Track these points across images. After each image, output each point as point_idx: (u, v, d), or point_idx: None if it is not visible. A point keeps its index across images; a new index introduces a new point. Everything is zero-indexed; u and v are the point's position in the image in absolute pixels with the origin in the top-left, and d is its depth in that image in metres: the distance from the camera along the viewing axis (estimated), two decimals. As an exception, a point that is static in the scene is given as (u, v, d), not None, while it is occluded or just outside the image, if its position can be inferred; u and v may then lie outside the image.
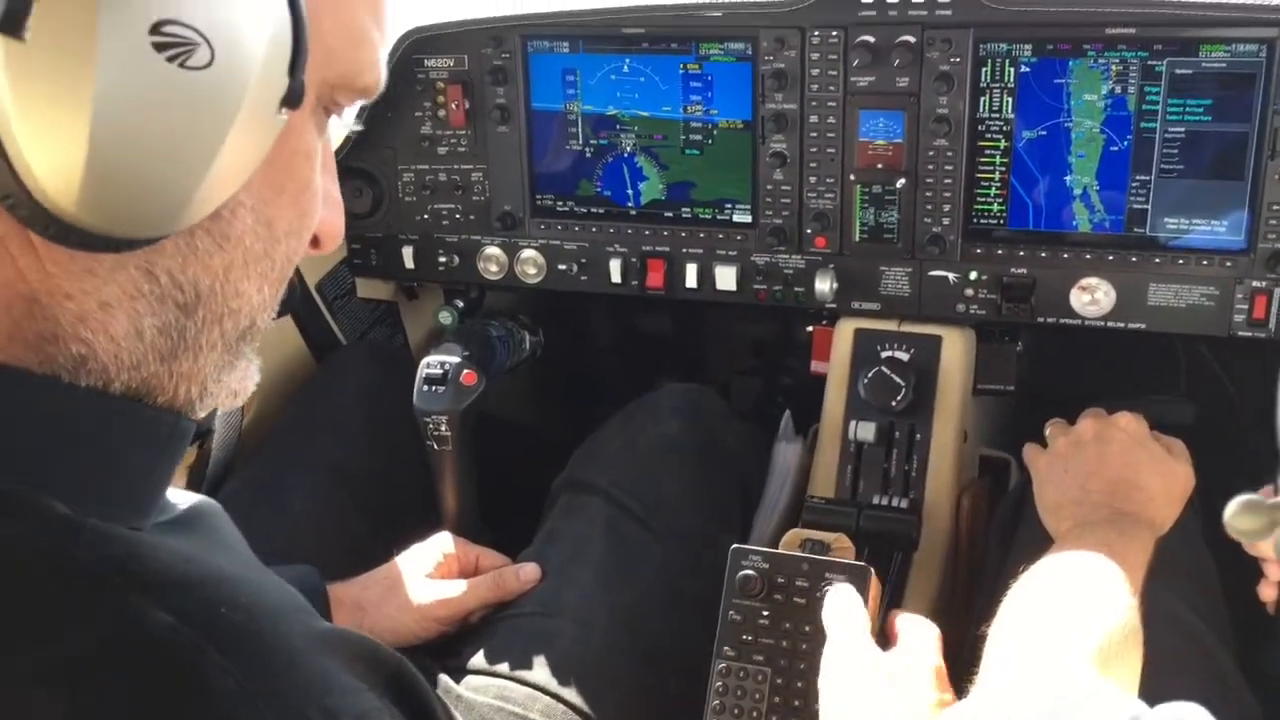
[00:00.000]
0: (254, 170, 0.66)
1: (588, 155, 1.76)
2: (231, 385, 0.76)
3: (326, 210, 0.76)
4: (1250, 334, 1.54)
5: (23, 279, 0.63)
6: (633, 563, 1.49)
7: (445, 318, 1.93)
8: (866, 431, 1.63)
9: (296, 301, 1.82)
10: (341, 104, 0.74)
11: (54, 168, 0.56)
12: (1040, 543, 1.34)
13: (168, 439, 0.73)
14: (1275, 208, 1.47)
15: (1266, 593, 1.30)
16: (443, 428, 1.55)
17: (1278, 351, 1.56)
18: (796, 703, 1.21)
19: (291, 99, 0.64)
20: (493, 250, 1.83)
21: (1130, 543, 1.21)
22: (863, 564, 1.23)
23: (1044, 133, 1.55)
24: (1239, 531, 0.66)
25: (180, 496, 0.80)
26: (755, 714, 1.22)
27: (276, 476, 1.65)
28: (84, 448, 0.68)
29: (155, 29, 0.56)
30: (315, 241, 0.78)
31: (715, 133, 1.69)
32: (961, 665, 1.66)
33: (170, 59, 0.56)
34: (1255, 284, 1.52)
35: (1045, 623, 1.04)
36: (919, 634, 1.15)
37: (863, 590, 1.21)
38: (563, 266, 1.81)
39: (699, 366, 2.41)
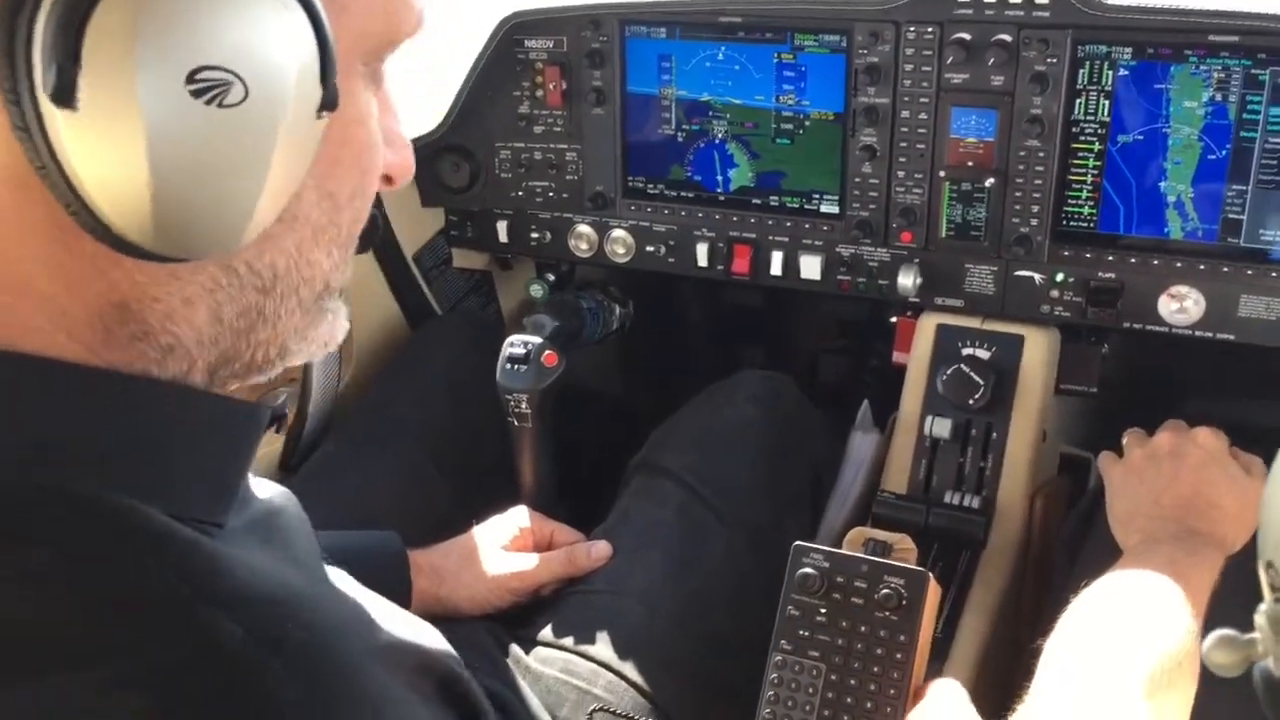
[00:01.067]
0: (307, 167, 0.70)
1: (680, 140, 1.78)
2: (320, 338, 0.80)
3: (392, 151, 0.79)
4: (1344, 349, 1.50)
5: (115, 290, 0.68)
6: (701, 549, 1.53)
7: (536, 290, 1.98)
8: (942, 428, 1.64)
9: (378, 239, 1.86)
10: (387, 56, 0.77)
11: (124, 213, 0.61)
12: (1109, 554, 1.34)
13: (245, 427, 0.77)
14: (1376, 224, 1.43)
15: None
16: (523, 405, 1.61)
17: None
18: (849, 700, 1.24)
19: (328, 103, 0.67)
20: (584, 228, 1.87)
21: (1198, 563, 1.20)
22: (922, 569, 1.25)
23: (1140, 137, 1.52)
24: (1215, 665, 0.66)
25: (260, 488, 0.85)
26: (808, 708, 1.25)
27: (367, 442, 1.72)
28: (167, 445, 0.72)
29: (190, 78, 0.59)
30: (388, 179, 0.81)
31: (806, 123, 1.69)
32: (1021, 674, 1.67)
33: (208, 102, 0.60)
34: (1351, 300, 1.48)
35: (1099, 645, 1.06)
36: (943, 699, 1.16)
37: (920, 596, 1.23)
38: (651, 248, 1.84)
39: (785, 343, 2.42)
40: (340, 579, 0.86)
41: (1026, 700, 1.06)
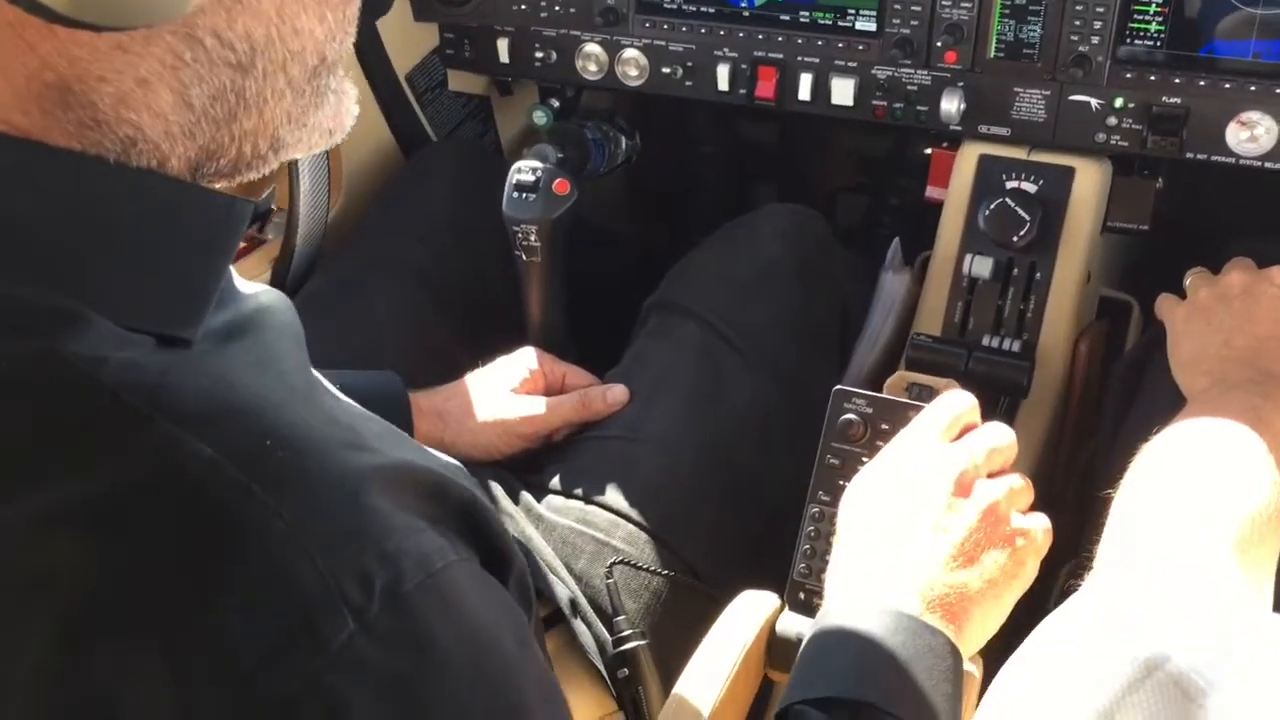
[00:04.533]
0: None
1: (701, -54, 1.61)
2: (324, 125, 0.68)
3: None
4: None
5: (48, 67, 0.56)
6: (723, 392, 1.42)
7: (540, 117, 1.82)
8: (983, 267, 1.52)
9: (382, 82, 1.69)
10: None
11: None
12: (1167, 402, 1.24)
13: (222, 225, 0.66)
14: None
15: None
16: (532, 238, 1.48)
17: None
18: (890, 553, 1.15)
19: None
20: (593, 48, 1.71)
21: (1276, 408, 1.10)
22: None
23: (1220, -58, 1.37)
24: None
25: (250, 289, 0.73)
26: (846, 561, 1.16)
27: (360, 276, 1.59)
28: (127, 239, 0.61)
29: None
30: None
31: (844, -74, 1.52)
32: (1067, 524, 1.60)
33: None
34: None
35: (1182, 499, 0.96)
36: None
37: (972, 442, 1.13)
38: (667, 70, 1.68)
39: (802, 180, 2.29)
40: (334, 394, 0.74)
41: (1100, 556, 0.97)
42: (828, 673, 0.88)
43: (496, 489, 1.33)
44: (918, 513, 0.96)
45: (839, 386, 1.19)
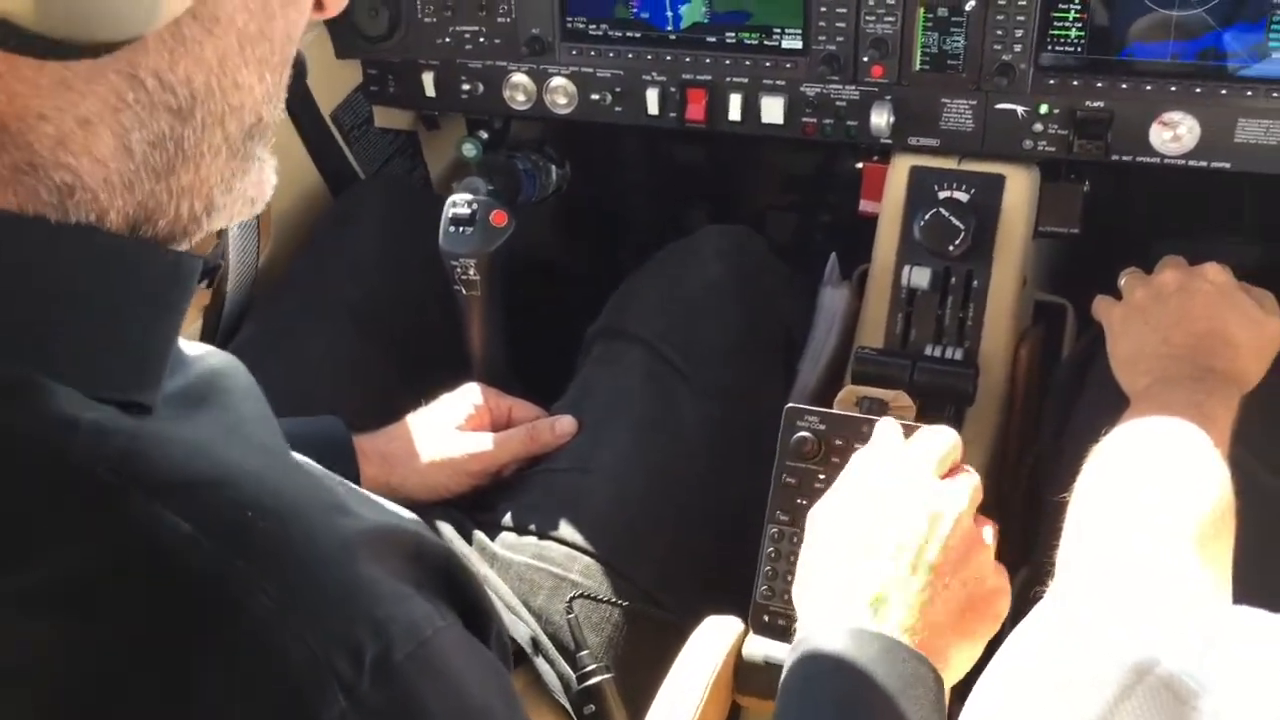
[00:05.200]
0: None
1: (623, -28, 1.60)
2: (247, 192, 0.67)
3: None
4: (1347, 174, 1.42)
5: None
6: (672, 417, 1.41)
7: (469, 150, 1.81)
8: (921, 277, 1.53)
9: (305, 78, 1.66)
10: None
11: None
12: (1110, 402, 1.26)
13: (172, 280, 0.63)
14: (1388, 35, 1.33)
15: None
16: (471, 271, 1.46)
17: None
18: (852, 569, 1.14)
19: None
20: (520, 78, 1.70)
21: (1219, 402, 1.12)
22: (925, 426, 1.15)
23: (1132, -52, 1.40)
24: None
25: (195, 350, 0.71)
26: (808, 580, 1.15)
27: (295, 320, 1.56)
28: (78, 302, 0.58)
29: None
30: (319, 5, 0.67)
31: (765, -53, 1.53)
32: (1017, 526, 1.60)
33: None
34: (1356, 120, 1.39)
35: (1140, 498, 0.96)
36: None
37: (928, 454, 1.13)
38: (596, 96, 1.68)
39: (733, 201, 2.29)
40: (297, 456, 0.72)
41: (1061, 560, 0.97)
42: (818, 702, 0.87)
43: (448, 530, 1.30)
44: (899, 546, 0.97)
45: (790, 405, 1.19)
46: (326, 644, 0.54)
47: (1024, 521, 1.61)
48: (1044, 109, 1.50)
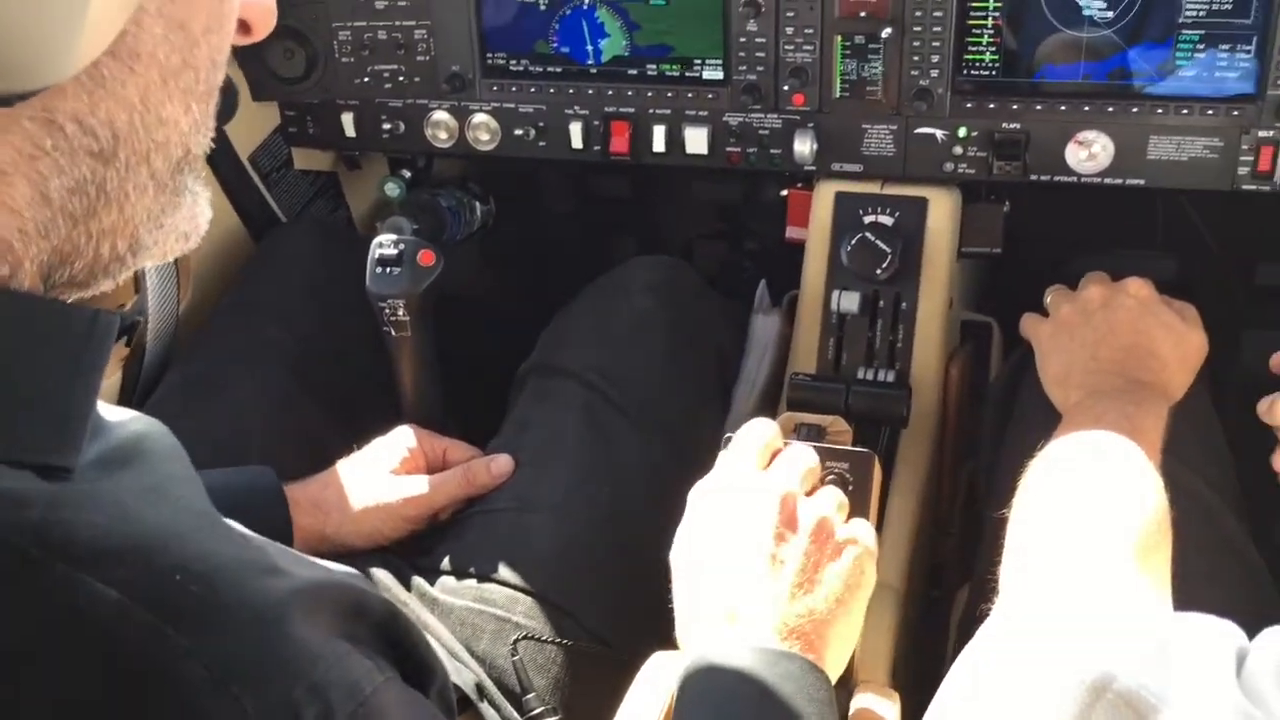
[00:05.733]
0: None
1: (542, 8, 1.60)
2: (179, 227, 0.64)
3: None
4: (1255, 187, 1.46)
5: None
6: (610, 451, 1.40)
7: (392, 189, 1.79)
8: (850, 301, 1.54)
9: (236, 105, 1.63)
10: None
11: None
12: (1042, 417, 1.27)
13: (87, 340, 0.60)
14: (1289, 51, 1.37)
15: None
16: (400, 312, 1.43)
17: (1271, 201, 1.49)
18: (798, 597, 1.14)
19: None
20: (441, 115, 1.69)
21: (1148, 415, 1.14)
22: (866, 450, 1.15)
23: (1042, -27, 1.43)
24: None
25: (116, 415, 0.68)
26: (755, 610, 1.14)
27: (219, 368, 1.52)
28: None
29: None
30: (245, 27, 0.65)
31: (682, -21, 1.54)
32: (954, 548, 1.61)
33: None
34: (1262, 134, 1.43)
35: (1079, 513, 0.97)
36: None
37: (867, 477, 1.13)
38: (519, 131, 1.67)
39: (658, 231, 2.30)
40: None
41: (1004, 576, 0.97)
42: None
43: (386, 577, 1.28)
44: (752, 549, 0.95)
45: (729, 434, 1.18)
46: (264, 710, 0.52)
47: (962, 538, 1.62)
48: (963, 132, 1.52)
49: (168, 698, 0.51)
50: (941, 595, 1.60)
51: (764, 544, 0.95)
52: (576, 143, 1.65)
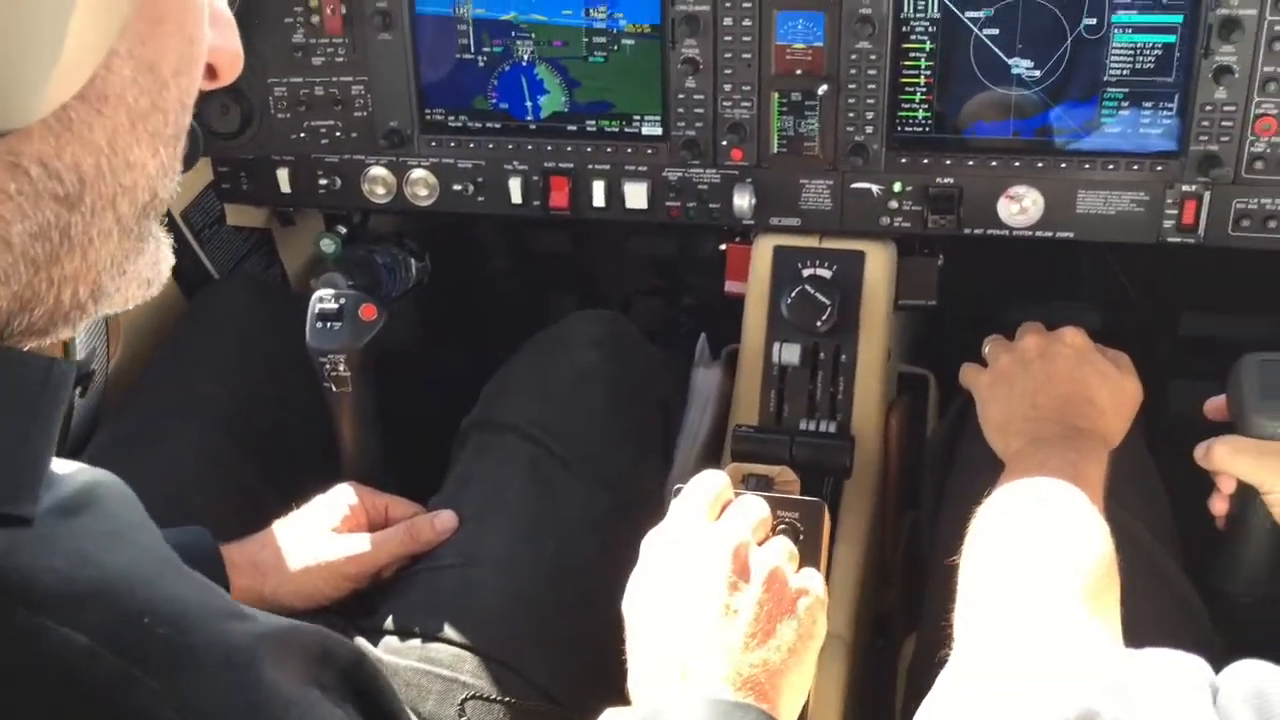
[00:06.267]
0: (119, 25, 0.52)
1: (481, 65, 1.61)
2: (142, 273, 0.64)
3: (215, 33, 0.62)
4: (1180, 240, 1.50)
5: None
6: (555, 505, 1.39)
7: (327, 245, 1.77)
8: (791, 354, 1.55)
9: (199, 151, 1.60)
10: None
11: None
12: (984, 466, 1.29)
13: (42, 389, 0.59)
14: (1208, 108, 1.43)
15: (1217, 506, 1.27)
16: (341, 368, 1.42)
17: (1193, 254, 1.53)
18: (749, 648, 1.13)
19: None
20: (379, 171, 1.68)
21: (1090, 461, 1.16)
22: (816, 499, 1.15)
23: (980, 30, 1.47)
24: None
25: (66, 468, 0.66)
26: (707, 663, 1.13)
27: (152, 425, 1.49)
28: None
29: None
30: (212, 72, 0.64)
31: (621, 38, 1.56)
32: (897, 597, 1.62)
33: None
34: (1185, 188, 1.48)
35: (1030, 560, 0.98)
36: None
37: (817, 526, 1.13)
38: (458, 187, 1.67)
39: (597, 287, 2.31)
40: None
41: (960, 623, 0.97)
42: None
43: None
44: (705, 600, 0.94)
45: (679, 485, 1.18)
46: None
47: (905, 587, 1.63)
48: (897, 187, 1.55)
49: None
50: (887, 645, 1.60)
51: (718, 594, 0.94)
52: (516, 198, 1.65)
